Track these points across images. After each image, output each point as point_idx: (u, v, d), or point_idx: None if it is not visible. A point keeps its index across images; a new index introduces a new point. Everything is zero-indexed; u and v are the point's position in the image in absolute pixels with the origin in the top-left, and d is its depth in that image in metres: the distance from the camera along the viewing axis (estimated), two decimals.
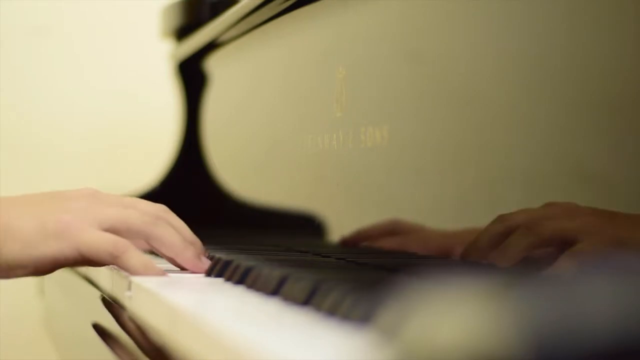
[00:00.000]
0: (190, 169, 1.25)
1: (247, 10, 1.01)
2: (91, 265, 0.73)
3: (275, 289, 0.53)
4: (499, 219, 0.58)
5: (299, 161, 0.91)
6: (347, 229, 0.79)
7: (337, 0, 0.84)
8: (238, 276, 0.61)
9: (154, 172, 1.30)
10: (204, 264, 0.69)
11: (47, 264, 0.68)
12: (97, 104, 1.64)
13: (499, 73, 0.61)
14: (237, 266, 0.62)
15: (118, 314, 0.66)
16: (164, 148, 1.34)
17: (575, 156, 0.55)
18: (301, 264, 0.67)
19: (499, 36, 0.62)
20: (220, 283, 0.63)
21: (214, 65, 1.21)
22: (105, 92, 1.64)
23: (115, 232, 0.68)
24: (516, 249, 0.55)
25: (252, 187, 1.07)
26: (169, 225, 0.70)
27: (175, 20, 1.29)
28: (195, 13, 1.25)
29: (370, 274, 0.67)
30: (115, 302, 0.70)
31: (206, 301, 0.55)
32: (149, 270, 0.66)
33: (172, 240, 0.69)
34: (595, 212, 0.52)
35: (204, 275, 0.68)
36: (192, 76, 1.27)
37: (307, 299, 0.47)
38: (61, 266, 0.70)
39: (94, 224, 0.68)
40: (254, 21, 1.03)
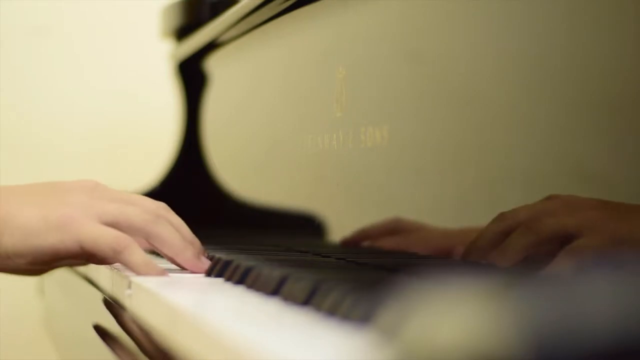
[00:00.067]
0: (190, 169, 1.25)
1: (247, 10, 1.01)
2: (90, 261, 0.72)
3: (275, 289, 0.53)
4: (499, 217, 0.58)
5: (299, 161, 0.91)
6: (347, 229, 0.79)
7: (337, 0, 0.84)
8: (238, 276, 0.61)
9: (154, 172, 1.30)
10: (203, 264, 0.69)
11: (47, 254, 0.67)
12: (97, 104, 1.64)
13: (499, 73, 0.61)
14: (237, 266, 0.62)
15: (118, 314, 0.66)
16: (164, 148, 1.34)
17: (575, 156, 0.55)
18: (301, 264, 0.67)
19: (499, 36, 0.62)
20: (220, 283, 0.63)
21: (214, 65, 1.21)
22: (105, 92, 1.64)
23: (116, 228, 0.68)
24: (517, 248, 0.55)
25: (252, 187, 1.07)
26: (169, 224, 0.70)
27: (175, 20, 1.29)
28: (195, 13, 1.25)
29: (370, 274, 0.67)
30: (115, 302, 0.70)
31: (206, 301, 0.55)
32: (149, 268, 0.66)
33: (172, 240, 0.69)
34: (597, 204, 0.51)
35: (204, 275, 0.68)
36: (192, 76, 1.27)
37: (307, 299, 0.47)
38: (60, 259, 0.69)
39: (95, 219, 0.68)
40: (254, 21, 1.03)
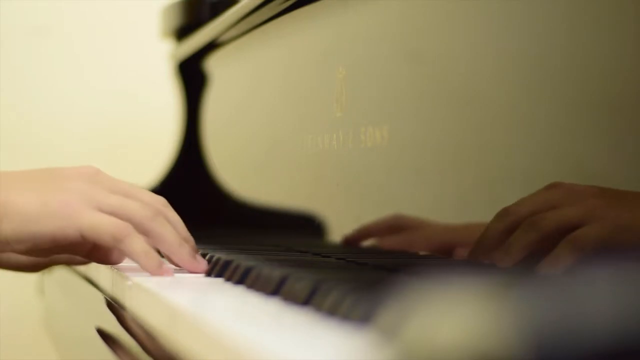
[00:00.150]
0: (190, 169, 1.25)
1: (247, 10, 1.01)
2: (88, 254, 0.72)
3: (275, 289, 0.53)
4: (502, 213, 0.58)
5: (299, 161, 0.91)
6: (347, 229, 0.79)
7: (337, 0, 0.84)
8: (238, 276, 0.61)
9: (154, 172, 1.30)
10: (199, 264, 0.69)
11: (46, 241, 0.67)
12: (97, 104, 1.64)
13: (499, 73, 0.61)
14: (237, 266, 0.62)
15: (118, 313, 0.66)
16: (164, 148, 1.34)
17: (575, 156, 0.55)
18: (301, 264, 0.67)
19: (499, 36, 0.62)
20: (220, 283, 0.63)
21: (214, 65, 1.21)
22: (105, 92, 1.64)
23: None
24: (521, 246, 0.55)
25: (252, 187, 1.07)
26: (167, 222, 0.70)
27: (175, 20, 1.29)
28: (195, 13, 1.25)
29: (370, 274, 0.67)
30: (116, 302, 0.70)
31: (206, 301, 0.55)
32: (149, 257, 0.66)
33: (169, 238, 0.69)
34: (598, 192, 0.51)
35: (204, 275, 0.68)
36: (192, 76, 1.27)
37: (307, 299, 0.47)
38: (59, 247, 0.69)
39: (95, 208, 0.68)
40: (254, 21, 1.03)
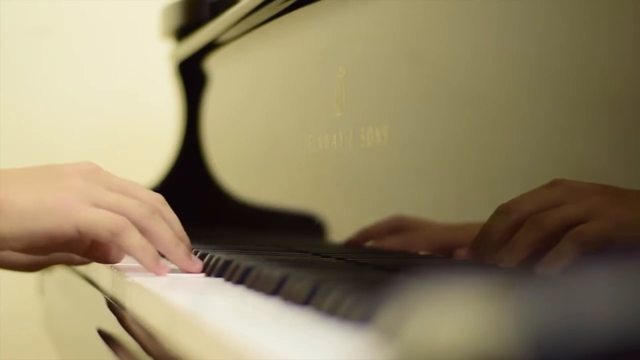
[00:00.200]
0: (190, 169, 1.25)
1: (247, 10, 1.01)
2: (86, 252, 0.72)
3: (275, 289, 0.53)
4: (503, 210, 0.57)
5: (299, 161, 0.91)
6: (347, 229, 0.79)
7: (337, 0, 0.84)
8: (238, 276, 0.61)
9: (154, 172, 1.30)
10: (194, 263, 0.69)
11: (43, 238, 0.67)
12: (97, 104, 1.64)
13: (499, 73, 0.61)
14: (237, 266, 0.62)
15: (118, 313, 0.66)
16: (164, 148, 1.34)
17: (575, 156, 0.55)
18: (301, 264, 0.67)
19: (499, 36, 0.62)
20: (220, 283, 0.63)
21: (214, 65, 1.21)
22: (105, 92, 1.64)
23: None
24: (525, 245, 0.55)
25: (252, 187, 1.07)
26: (163, 220, 0.70)
27: (175, 20, 1.29)
28: (195, 13, 1.25)
29: (370, 274, 0.67)
30: (115, 302, 0.70)
31: (206, 301, 0.55)
32: (146, 252, 0.66)
33: (165, 237, 0.69)
34: (600, 189, 0.51)
35: (204, 275, 0.68)
36: (192, 76, 1.27)
37: (307, 299, 0.47)
38: (57, 244, 0.69)
39: (91, 205, 0.67)
40: (254, 21, 1.03)
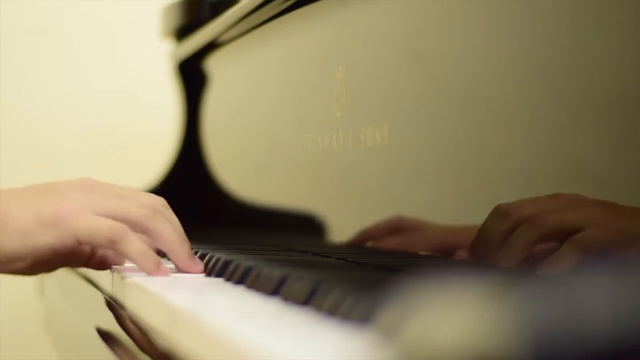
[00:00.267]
0: (190, 169, 1.25)
1: (247, 10, 1.01)
2: (87, 261, 0.72)
3: (275, 289, 0.53)
4: (501, 212, 0.57)
5: (299, 161, 0.91)
6: (347, 229, 0.79)
7: (337, 0, 0.84)
8: (238, 276, 0.61)
9: (154, 172, 1.30)
10: (196, 264, 0.69)
11: (46, 254, 0.67)
12: (97, 104, 1.64)
13: (499, 73, 0.61)
14: (237, 266, 0.62)
15: (118, 313, 0.66)
16: (164, 148, 1.34)
17: (575, 156, 0.55)
18: (301, 264, 0.67)
19: (499, 36, 0.62)
20: (220, 283, 0.63)
21: (214, 65, 1.21)
22: (105, 92, 1.64)
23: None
24: (521, 245, 0.55)
25: (252, 187, 1.07)
26: (166, 220, 0.70)
27: (175, 20, 1.29)
28: (195, 13, 1.25)
29: (370, 274, 0.67)
30: (115, 302, 0.70)
31: (206, 301, 0.55)
32: (146, 258, 0.66)
33: (169, 236, 0.69)
34: (600, 203, 0.51)
35: (204, 275, 0.68)
36: (192, 76, 1.27)
37: (307, 299, 0.47)
38: (61, 257, 0.69)
39: (91, 212, 0.67)
40: (254, 21, 1.03)
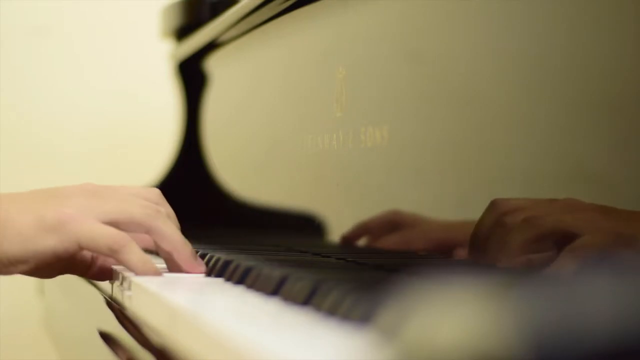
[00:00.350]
0: (190, 169, 1.25)
1: (247, 10, 1.01)
2: (89, 268, 0.73)
3: (275, 289, 0.53)
4: (499, 209, 0.57)
5: (299, 161, 0.91)
6: (347, 229, 0.79)
7: (337, 0, 0.84)
8: (238, 276, 0.61)
9: (154, 172, 1.30)
10: (199, 265, 0.69)
11: (48, 258, 0.67)
12: (97, 104, 1.64)
13: (499, 73, 0.61)
14: (237, 266, 0.62)
15: (118, 314, 0.66)
16: (164, 148, 1.34)
17: (575, 156, 0.55)
18: (301, 264, 0.67)
19: (499, 36, 0.62)
20: (220, 283, 0.63)
21: (214, 65, 1.21)
22: (105, 92, 1.64)
23: (117, 225, 0.68)
24: (517, 244, 0.55)
25: (252, 187, 1.07)
26: (169, 220, 0.70)
27: (175, 20, 1.29)
28: (195, 13, 1.25)
29: (370, 274, 0.67)
30: (115, 302, 0.70)
31: (206, 301, 0.55)
32: (147, 268, 0.66)
33: (173, 236, 0.69)
34: (597, 208, 0.51)
35: (204, 275, 0.68)
36: (192, 76, 1.27)
37: (307, 299, 0.47)
38: (62, 262, 0.69)
39: (94, 218, 0.68)
40: (254, 21, 1.03)
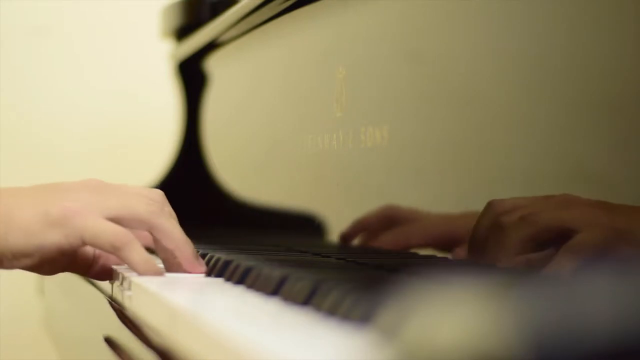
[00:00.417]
0: (190, 169, 1.25)
1: (247, 10, 1.01)
2: (91, 266, 0.73)
3: (275, 289, 0.53)
4: (495, 209, 0.57)
5: (299, 161, 0.91)
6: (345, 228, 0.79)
7: (337, 0, 0.84)
8: (238, 276, 0.61)
9: (154, 172, 1.30)
10: (200, 265, 0.69)
11: (52, 252, 0.67)
12: (97, 104, 1.64)
13: (499, 73, 0.61)
14: (237, 266, 0.62)
15: (118, 313, 0.66)
16: (164, 148, 1.34)
17: (575, 156, 0.55)
18: (301, 264, 0.67)
19: (499, 36, 0.62)
20: (220, 283, 0.63)
21: (214, 65, 1.21)
22: (105, 92, 1.64)
23: (120, 221, 0.68)
24: (515, 241, 0.55)
25: (252, 187, 1.07)
26: (172, 219, 0.70)
27: (175, 20, 1.29)
28: (195, 13, 1.25)
29: (370, 274, 0.67)
30: (116, 302, 0.70)
31: (206, 301, 0.55)
32: (148, 267, 0.66)
33: (176, 234, 0.69)
34: (594, 203, 0.51)
35: (204, 275, 0.68)
36: (192, 76, 1.27)
37: (307, 299, 0.47)
38: (66, 257, 0.69)
39: (98, 214, 0.68)
40: (254, 21, 1.03)
